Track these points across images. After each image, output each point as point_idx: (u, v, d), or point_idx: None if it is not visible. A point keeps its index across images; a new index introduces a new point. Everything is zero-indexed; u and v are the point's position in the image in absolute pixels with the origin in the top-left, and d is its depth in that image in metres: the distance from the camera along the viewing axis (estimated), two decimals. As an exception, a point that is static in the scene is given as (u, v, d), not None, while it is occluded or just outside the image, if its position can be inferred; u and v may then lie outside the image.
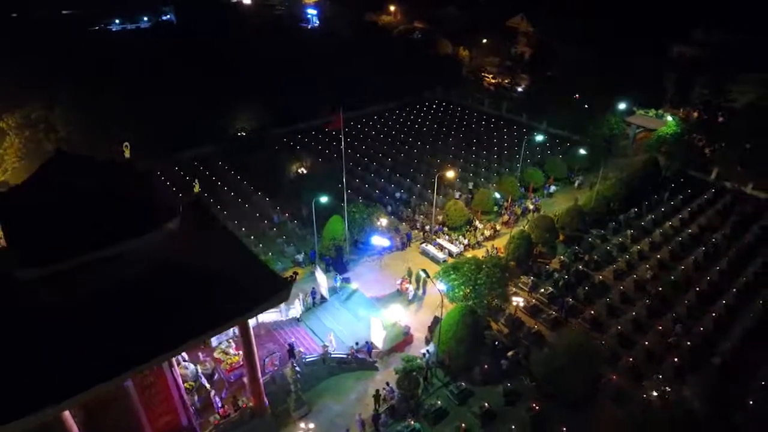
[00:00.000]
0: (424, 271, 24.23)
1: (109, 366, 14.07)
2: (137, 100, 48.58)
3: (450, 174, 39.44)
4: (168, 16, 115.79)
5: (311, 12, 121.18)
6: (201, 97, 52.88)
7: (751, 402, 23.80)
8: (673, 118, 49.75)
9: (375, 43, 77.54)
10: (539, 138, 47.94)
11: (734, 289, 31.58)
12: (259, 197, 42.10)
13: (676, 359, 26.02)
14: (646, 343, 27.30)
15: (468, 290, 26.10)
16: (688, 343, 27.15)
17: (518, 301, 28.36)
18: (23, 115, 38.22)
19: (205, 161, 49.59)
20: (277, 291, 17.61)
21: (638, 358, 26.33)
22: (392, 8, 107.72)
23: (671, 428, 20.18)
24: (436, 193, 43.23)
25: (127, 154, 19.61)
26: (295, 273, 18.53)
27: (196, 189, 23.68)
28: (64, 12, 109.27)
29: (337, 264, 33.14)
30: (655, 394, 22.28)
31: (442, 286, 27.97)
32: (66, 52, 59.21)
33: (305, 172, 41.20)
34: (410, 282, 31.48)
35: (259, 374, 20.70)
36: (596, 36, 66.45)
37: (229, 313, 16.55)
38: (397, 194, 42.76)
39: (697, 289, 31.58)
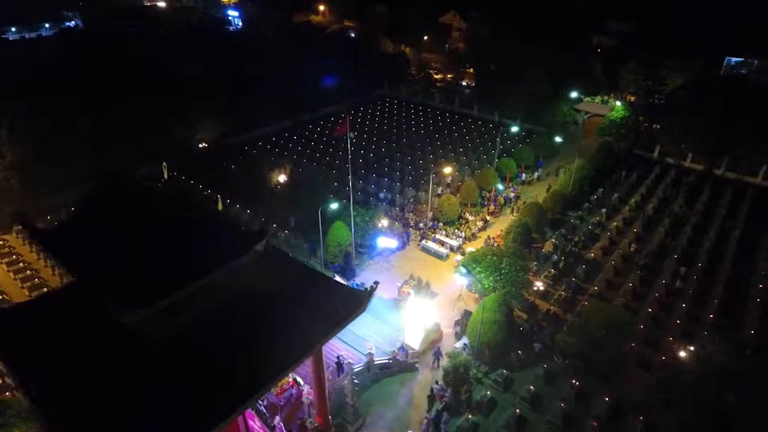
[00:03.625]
0: (465, 266, 24.59)
1: (226, 401, 13.02)
2: (78, 115, 44.24)
3: (447, 170, 40.15)
4: (72, 23, 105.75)
5: (233, 13, 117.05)
6: (144, 108, 49.12)
7: (748, 352, 26.89)
8: (622, 103, 54.32)
9: (312, 43, 76.32)
10: (514, 129, 50.01)
11: (705, 254, 35.36)
12: (238, 210, 40.08)
13: (678, 321, 28.86)
14: (650, 310, 29.82)
15: (494, 280, 26.84)
16: (683, 305, 30.15)
17: (537, 285, 29.72)
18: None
19: (171, 176, 46.05)
20: (360, 303, 17.17)
21: (647, 325, 28.77)
22: (321, 8, 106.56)
23: (701, 383, 22.33)
24: (417, 190, 43.98)
25: (165, 174, 18.01)
26: (376, 282, 18.14)
27: (219, 206, 22.30)
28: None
29: (346, 270, 32.59)
30: (682, 354, 24.44)
31: (465, 280, 28.64)
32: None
33: (286, 180, 39.81)
34: (412, 286, 31.51)
35: (326, 393, 20.00)
36: (525, 30, 70.47)
37: (322, 330, 15.91)
38: (381, 194, 42.73)
39: (675, 256, 34.95)
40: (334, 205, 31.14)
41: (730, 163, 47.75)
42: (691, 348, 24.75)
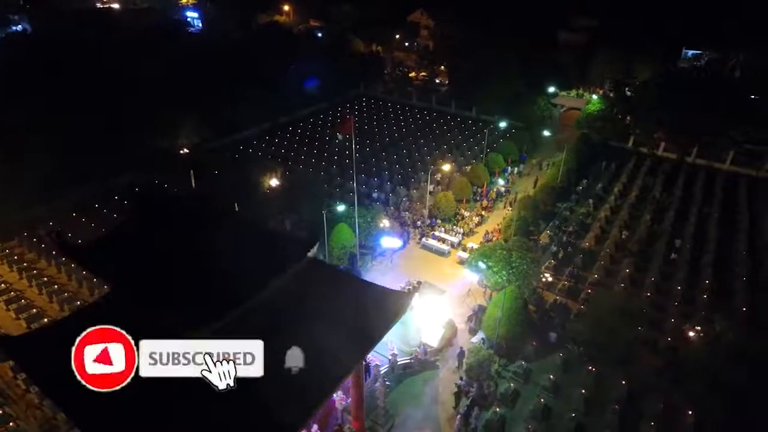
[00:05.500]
0: (483, 261, 24.86)
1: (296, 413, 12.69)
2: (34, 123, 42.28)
3: (446, 167, 40.40)
4: (20, 27, 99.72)
5: (192, 15, 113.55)
6: (112, 113, 47.17)
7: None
8: (598, 97, 56.28)
9: (281, 44, 75.02)
10: (503, 124, 50.71)
11: (689, 237, 37.14)
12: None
13: (676, 303, 30.24)
14: (648, 294, 31.07)
15: (507, 274, 27.25)
16: (679, 287, 31.60)
17: (546, 277, 30.41)
18: None
19: (151, 185, 44.31)
20: (403, 304, 17.09)
21: (648, 308, 29.92)
22: (286, 8, 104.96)
23: (713, 361, 23.40)
24: (408, 189, 44.10)
25: (193, 182, 17.31)
26: (419, 282, 18.05)
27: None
28: None
29: (351, 272, 32.26)
30: (691, 334, 25.62)
31: (475, 275, 28.96)
32: None
33: (279, 184, 39.01)
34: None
35: (364, 397, 19.81)
36: (494, 29, 71.83)
37: (371, 336, 15.73)
38: (374, 194, 42.58)
39: (665, 241, 36.55)
40: (340, 207, 30.77)
41: (699, 150, 50.29)
42: (697, 327, 26.04)
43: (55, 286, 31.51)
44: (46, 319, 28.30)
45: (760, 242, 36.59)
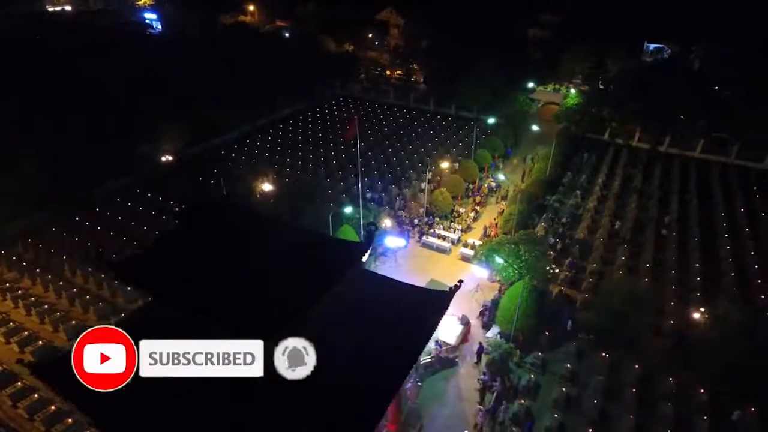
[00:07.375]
0: (500, 256, 25.12)
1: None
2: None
3: (445, 164, 40.49)
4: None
5: (150, 16, 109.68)
6: (81, 119, 45.01)
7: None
8: (576, 90, 57.76)
9: (251, 44, 73.35)
10: (491, 121, 51.34)
11: (674, 222, 38.79)
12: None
13: (674, 287, 31.51)
14: (646, 280, 32.22)
15: (517, 267, 27.66)
16: (673, 272, 32.96)
17: (554, 268, 31.02)
18: None
19: (133, 194, 42.52)
20: (444, 303, 17.07)
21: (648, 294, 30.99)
22: (251, 8, 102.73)
23: (726, 341, 24.40)
24: (400, 188, 44.12)
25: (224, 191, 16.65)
26: (461, 281, 18.02)
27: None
28: None
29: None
30: (696, 316, 26.75)
31: (484, 271, 29.26)
32: None
33: (273, 188, 38.14)
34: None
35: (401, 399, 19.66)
36: (466, 27, 72.65)
37: (420, 340, 15.63)
38: (368, 194, 42.29)
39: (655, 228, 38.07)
40: (348, 209, 30.39)
41: (671, 140, 52.54)
42: (701, 309, 27.22)
43: (45, 306, 29.69)
44: (40, 342, 26.75)
45: (738, 227, 38.51)
